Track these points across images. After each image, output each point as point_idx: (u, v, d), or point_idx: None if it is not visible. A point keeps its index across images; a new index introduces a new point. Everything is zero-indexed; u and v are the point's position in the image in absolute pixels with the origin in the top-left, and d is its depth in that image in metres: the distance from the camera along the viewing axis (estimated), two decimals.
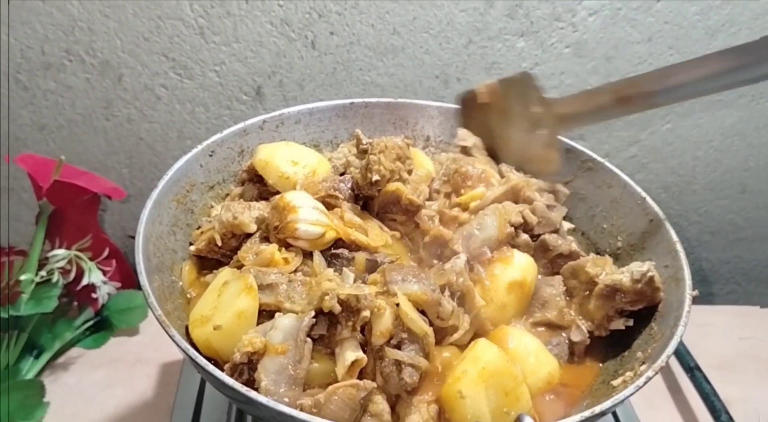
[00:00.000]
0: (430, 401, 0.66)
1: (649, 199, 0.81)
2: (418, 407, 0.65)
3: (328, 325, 0.66)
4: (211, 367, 0.59)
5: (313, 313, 0.66)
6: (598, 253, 0.85)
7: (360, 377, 0.64)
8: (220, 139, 0.87)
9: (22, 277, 0.97)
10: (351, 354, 0.64)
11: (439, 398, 0.66)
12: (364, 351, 0.65)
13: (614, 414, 0.92)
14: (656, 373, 0.61)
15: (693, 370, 1.02)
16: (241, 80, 1.13)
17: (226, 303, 0.68)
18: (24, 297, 0.97)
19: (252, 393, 0.57)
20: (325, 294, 0.65)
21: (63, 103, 1.13)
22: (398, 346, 0.66)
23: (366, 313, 0.64)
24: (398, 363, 0.64)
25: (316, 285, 0.68)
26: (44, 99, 1.12)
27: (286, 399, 0.61)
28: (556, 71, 1.16)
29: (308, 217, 0.73)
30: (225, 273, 0.72)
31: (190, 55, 1.10)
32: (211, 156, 0.86)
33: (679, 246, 0.74)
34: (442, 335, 0.69)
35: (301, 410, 0.59)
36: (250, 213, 0.77)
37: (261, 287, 0.68)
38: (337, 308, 0.64)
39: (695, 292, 0.69)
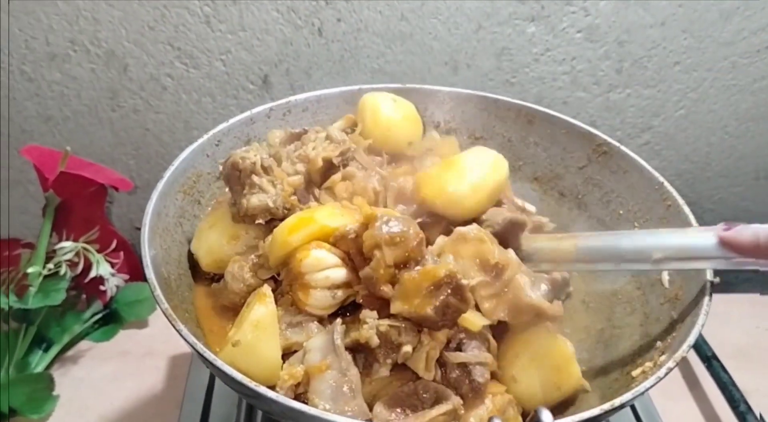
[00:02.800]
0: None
1: (666, 184, 0.79)
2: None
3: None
4: (219, 362, 0.58)
5: (340, 321, 0.64)
6: None
7: None
8: (226, 128, 0.85)
9: (30, 270, 0.96)
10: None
11: None
12: None
13: (632, 405, 0.91)
14: (677, 363, 0.59)
15: (710, 360, 1.00)
16: (247, 69, 1.12)
17: (244, 319, 0.66)
18: (32, 290, 0.96)
19: (261, 389, 0.55)
20: (364, 322, 0.63)
21: (68, 94, 1.11)
22: (459, 347, 0.64)
23: (407, 348, 0.63)
24: (464, 366, 0.63)
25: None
26: (49, 90, 1.11)
27: (350, 413, 0.59)
28: (567, 56, 1.14)
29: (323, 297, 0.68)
30: (251, 297, 0.70)
31: (196, 44, 1.08)
32: (217, 145, 0.84)
33: None
34: None
35: None
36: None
37: (292, 324, 0.67)
38: (375, 341, 0.62)
39: (716, 279, 0.67)
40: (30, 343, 0.97)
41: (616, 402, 0.56)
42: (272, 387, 0.60)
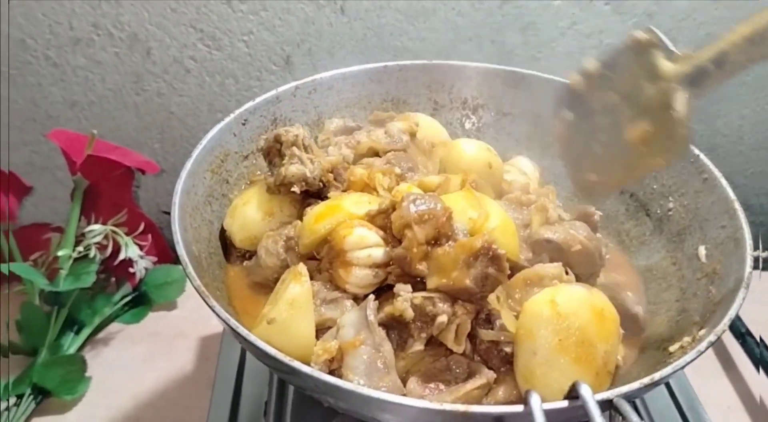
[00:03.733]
0: None
1: (702, 157, 0.77)
2: None
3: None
4: (252, 337, 0.58)
5: (372, 296, 0.64)
6: (648, 216, 0.82)
7: None
8: (252, 106, 0.85)
9: (60, 253, 0.97)
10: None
11: None
12: None
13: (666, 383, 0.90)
14: (718, 337, 0.58)
15: (744, 336, 0.98)
16: (269, 49, 1.11)
17: (276, 297, 0.66)
18: (63, 273, 0.97)
19: (295, 364, 0.55)
20: (398, 295, 0.63)
21: (93, 78, 1.12)
22: (488, 319, 0.64)
23: (443, 319, 0.62)
24: (495, 343, 0.63)
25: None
26: (74, 75, 1.11)
27: (384, 388, 0.59)
28: (595, 30, 1.11)
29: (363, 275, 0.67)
30: (284, 275, 0.70)
31: (218, 26, 1.08)
32: (244, 124, 0.84)
33: (737, 205, 0.70)
34: None
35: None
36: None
37: (326, 301, 0.67)
38: (410, 313, 0.62)
39: (756, 253, 0.65)
40: (62, 326, 0.99)
41: (656, 376, 0.55)
42: (306, 364, 0.59)
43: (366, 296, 0.66)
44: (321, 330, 0.66)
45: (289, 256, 0.72)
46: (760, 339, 0.93)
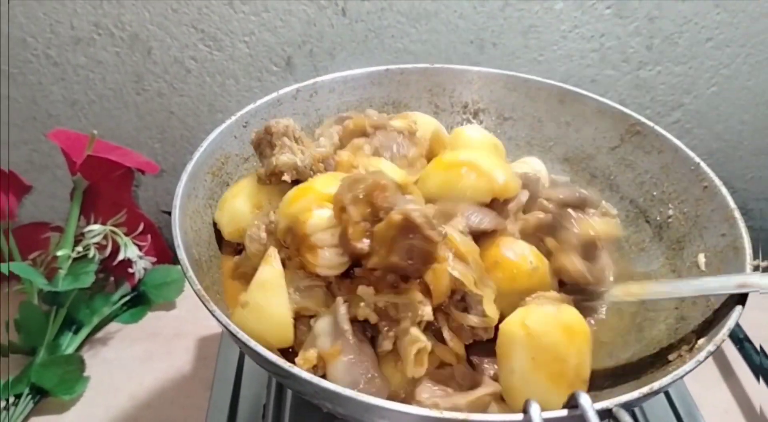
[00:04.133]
0: None
1: (703, 164, 0.77)
2: None
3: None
4: (252, 342, 0.57)
5: (341, 300, 0.63)
6: (647, 222, 0.82)
7: None
8: (253, 109, 0.85)
9: (59, 253, 0.97)
10: (412, 345, 0.60)
11: None
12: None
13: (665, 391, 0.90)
14: (718, 347, 0.58)
15: (742, 342, 0.99)
16: (270, 51, 1.11)
17: (250, 281, 0.66)
18: (62, 273, 0.97)
19: (294, 369, 0.55)
20: (360, 300, 0.62)
21: (94, 78, 1.11)
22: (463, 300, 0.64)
23: (405, 324, 0.61)
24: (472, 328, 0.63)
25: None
26: (75, 74, 1.11)
27: (373, 390, 0.59)
28: (596, 33, 1.11)
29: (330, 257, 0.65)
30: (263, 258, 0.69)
31: (219, 26, 1.08)
32: (245, 127, 0.84)
33: (737, 214, 0.70)
34: None
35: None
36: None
37: (300, 289, 0.66)
38: (374, 318, 0.62)
39: (756, 262, 0.66)
40: (60, 325, 0.99)
41: (655, 385, 0.55)
42: (288, 350, 0.60)
43: (339, 279, 0.66)
44: (301, 317, 0.65)
45: (269, 241, 0.71)
46: (760, 347, 0.93)
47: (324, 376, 0.61)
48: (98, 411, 0.93)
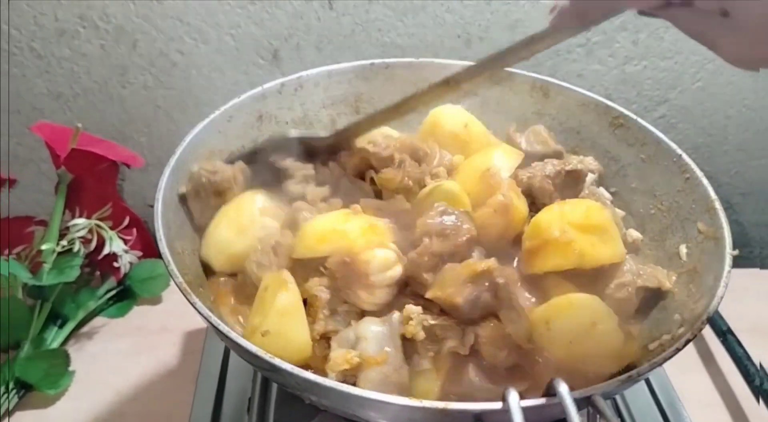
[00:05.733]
0: None
1: (685, 156, 0.78)
2: None
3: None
4: (233, 334, 0.58)
5: (398, 315, 0.64)
6: (630, 214, 0.83)
7: None
8: (238, 103, 0.84)
9: (44, 247, 0.97)
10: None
11: None
12: None
13: (647, 378, 0.90)
14: (696, 335, 0.58)
15: (725, 334, 0.99)
16: (257, 43, 1.10)
17: (268, 307, 0.65)
18: (46, 267, 0.96)
19: (276, 360, 0.55)
20: (409, 318, 0.63)
21: (78, 70, 1.11)
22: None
23: (452, 343, 0.63)
24: None
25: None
26: (59, 67, 1.10)
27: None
28: None
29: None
30: (265, 279, 0.68)
31: (205, 19, 1.07)
32: (229, 121, 0.84)
33: (717, 205, 0.71)
34: None
35: None
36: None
37: (335, 313, 0.67)
38: (421, 336, 0.62)
39: (735, 252, 0.66)
40: (45, 320, 0.98)
41: (633, 373, 0.55)
42: (305, 367, 0.59)
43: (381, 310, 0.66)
44: (322, 339, 0.65)
45: (278, 260, 0.70)
46: (760, 365, 0.93)
47: (352, 378, 0.61)
48: (84, 405, 0.92)
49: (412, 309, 0.63)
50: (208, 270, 0.76)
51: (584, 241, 0.68)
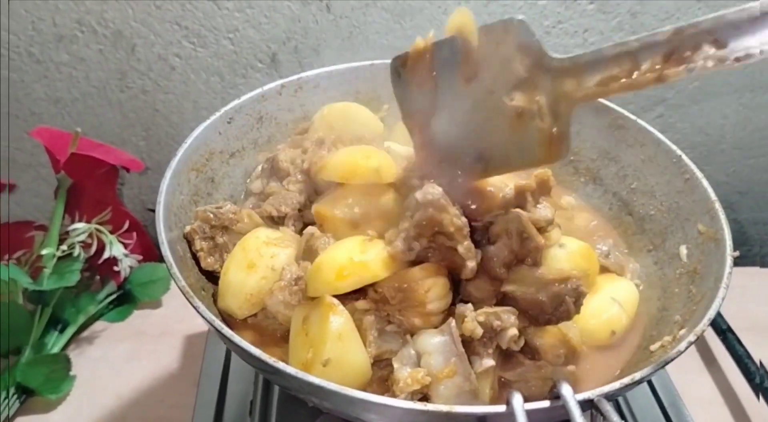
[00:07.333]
0: None
1: (685, 157, 0.78)
2: None
3: None
4: (237, 338, 0.58)
5: (455, 324, 0.63)
6: (630, 215, 0.83)
7: None
8: (238, 105, 0.84)
9: (44, 252, 0.97)
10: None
11: None
12: None
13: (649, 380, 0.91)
14: (698, 337, 0.59)
15: (725, 332, 1.00)
16: (255, 47, 1.10)
17: (318, 337, 0.62)
18: (46, 272, 0.96)
19: (280, 364, 0.55)
20: (463, 317, 0.62)
21: (77, 75, 1.11)
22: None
23: (513, 331, 0.62)
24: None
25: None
26: (58, 72, 1.10)
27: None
28: (579, 29, 1.12)
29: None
30: (297, 312, 0.66)
31: (203, 23, 1.07)
32: (229, 123, 0.84)
33: (717, 206, 0.71)
34: None
35: None
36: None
37: (382, 332, 0.65)
38: (480, 331, 0.62)
39: (736, 253, 0.66)
40: (46, 324, 0.98)
41: (636, 376, 0.55)
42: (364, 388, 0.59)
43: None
44: (378, 361, 0.64)
45: (299, 296, 0.68)
46: (760, 363, 0.93)
47: (426, 398, 0.60)
48: (85, 410, 0.92)
49: (463, 307, 0.63)
50: (231, 322, 0.72)
51: None
